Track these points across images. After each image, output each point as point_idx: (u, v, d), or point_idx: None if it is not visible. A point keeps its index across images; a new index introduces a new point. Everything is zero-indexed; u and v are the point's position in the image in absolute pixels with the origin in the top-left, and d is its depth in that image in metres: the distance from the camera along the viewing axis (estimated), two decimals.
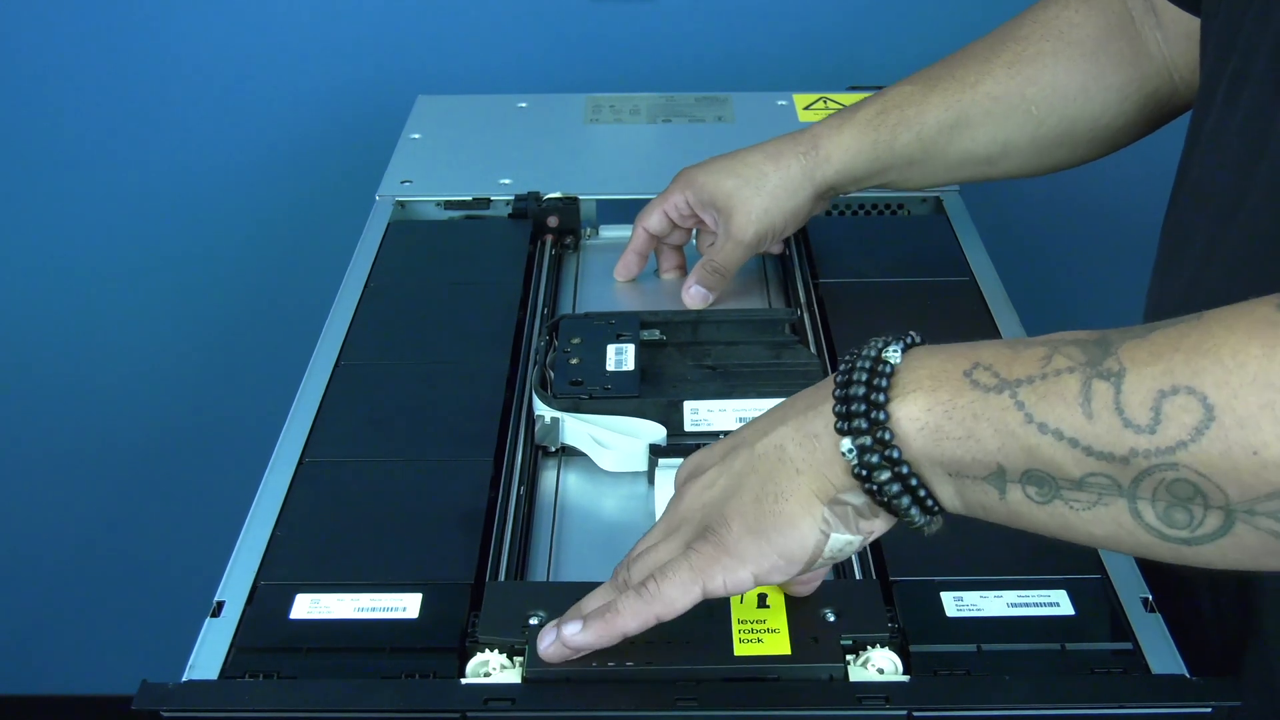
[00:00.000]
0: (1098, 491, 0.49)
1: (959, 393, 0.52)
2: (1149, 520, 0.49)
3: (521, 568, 0.73)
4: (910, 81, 0.93)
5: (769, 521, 0.57)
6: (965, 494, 0.54)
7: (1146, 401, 0.47)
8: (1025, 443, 0.50)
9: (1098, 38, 0.88)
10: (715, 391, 0.81)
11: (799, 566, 0.57)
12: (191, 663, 0.64)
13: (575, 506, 0.79)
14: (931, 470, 0.54)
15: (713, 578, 0.57)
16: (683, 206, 0.96)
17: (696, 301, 0.96)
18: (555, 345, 0.85)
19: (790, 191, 0.93)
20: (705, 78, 1.44)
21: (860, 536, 0.57)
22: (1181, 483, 0.47)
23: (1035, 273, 1.54)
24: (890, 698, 0.59)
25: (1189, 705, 0.58)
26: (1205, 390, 0.46)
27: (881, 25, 1.44)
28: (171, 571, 1.69)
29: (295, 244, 1.53)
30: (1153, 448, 0.47)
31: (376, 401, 0.83)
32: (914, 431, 0.53)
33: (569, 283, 1.04)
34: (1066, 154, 0.92)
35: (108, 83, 1.45)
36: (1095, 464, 0.49)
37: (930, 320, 0.93)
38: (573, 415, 0.80)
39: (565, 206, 1.07)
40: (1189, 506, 0.47)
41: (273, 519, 0.73)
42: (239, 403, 1.61)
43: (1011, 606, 0.65)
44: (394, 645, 0.64)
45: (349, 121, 1.47)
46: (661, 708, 0.59)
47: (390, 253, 1.01)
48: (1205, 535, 0.47)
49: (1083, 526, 0.50)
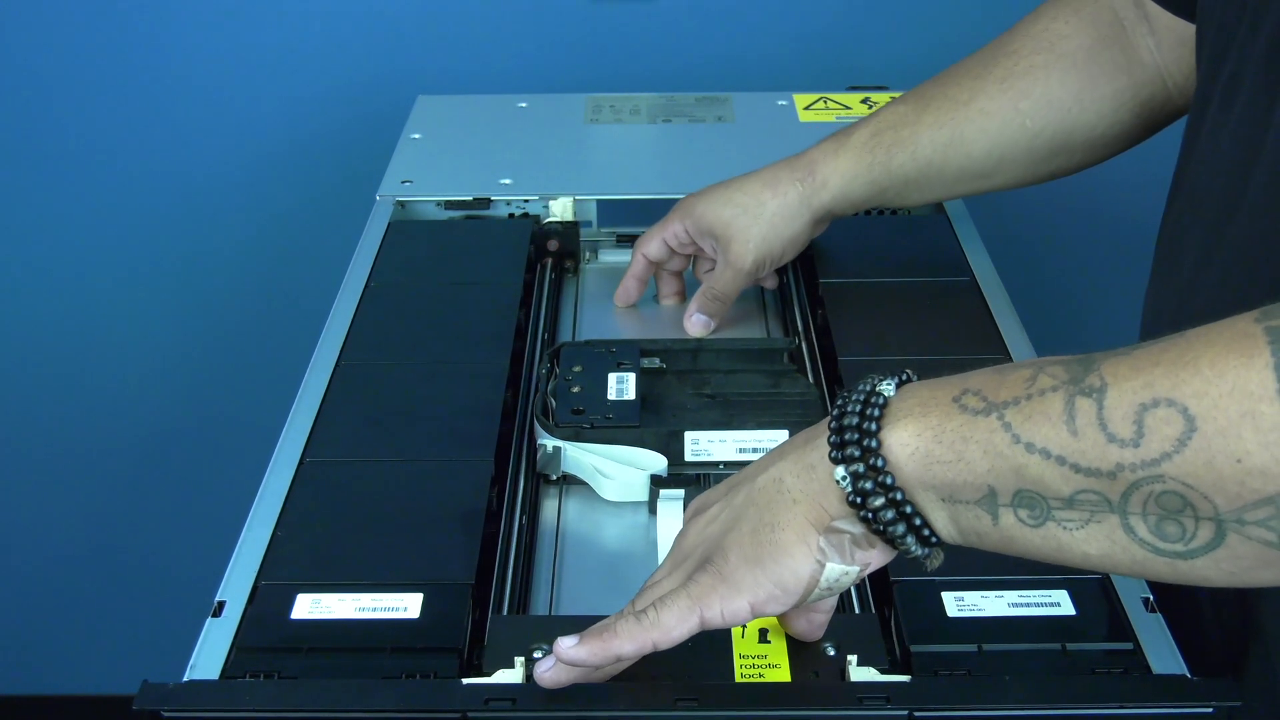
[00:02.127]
0: (1089, 509, 0.49)
1: (948, 417, 0.53)
2: (1142, 535, 0.49)
3: (524, 599, 0.73)
4: (903, 101, 0.94)
5: (765, 551, 0.57)
6: (959, 520, 0.54)
7: (1129, 415, 0.48)
8: (1014, 463, 0.51)
9: (1089, 48, 0.88)
10: (715, 421, 0.81)
11: (795, 596, 0.57)
12: (192, 663, 0.64)
13: (577, 536, 0.79)
14: (925, 496, 0.54)
15: (710, 606, 0.57)
16: (681, 235, 0.97)
17: (698, 329, 0.97)
18: (556, 373, 0.85)
19: (788, 219, 0.93)
20: (705, 78, 1.44)
21: (857, 567, 0.57)
22: (1169, 495, 0.47)
23: (1036, 273, 1.54)
24: (891, 698, 0.59)
25: (1190, 705, 0.58)
26: (1185, 401, 0.46)
27: (881, 25, 1.44)
28: (172, 571, 1.69)
29: (296, 244, 1.53)
30: (1137, 461, 0.47)
31: (377, 401, 0.83)
32: (905, 457, 0.53)
33: (569, 306, 1.04)
34: (1063, 163, 0.92)
35: (109, 83, 1.45)
36: (1083, 480, 0.49)
37: (930, 320, 0.93)
38: (574, 444, 0.81)
39: (565, 230, 1.07)
40: (1179, 519, 0.47)
41: (273, 519, 0.73)
42: (240, 402, 1.62)
43: (1012, 606, 0.66)
44: (395, 645, 0.64)
45: (349, 122, 1.47)
46: (662, 708, 0.59)
47: (391, 253, 1.01)
48: (1199, 548, 0.47)
49: (1077, 547, 0.51)
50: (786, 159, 0.95)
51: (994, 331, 0.90)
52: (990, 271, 0.99)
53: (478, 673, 0.62)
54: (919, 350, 0.88)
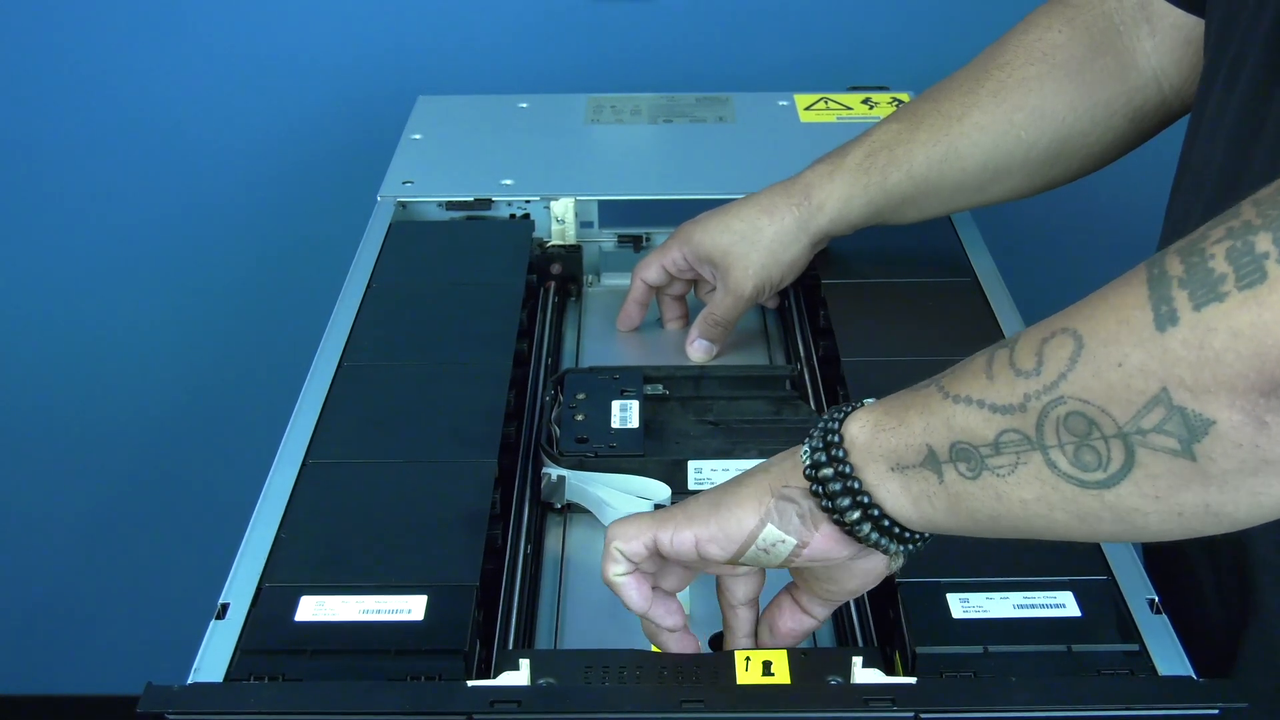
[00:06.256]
0: (1014, 451, 0.52)
1: (897, 396, 0.58)
2: (1064, 469, 0.51)
3: (529, 630, 0.74)
4: (896, 119, 0.94)
5: (725, 499, 0.62)
6: (910, 488, 0.56)
7: (1031, 350, 0.52)
8: (943, 415, 0.54)
9: (1082, 57, 0.88)
10: (717, 449, 0.82)
11: (735, 544, 0.61)
12: (196, 665, 0.64)
13: (580, 565, 0.79)
14: (874, 469, 0.57)
15: (664, 529, 0.62)
16: (680, 262, 0.97)
17: (700, 354, 0.98)
18: (560, 400, 0.85)
19: (786, 244, 0.93)
20: (706, 78, 1.44)
21: (794, 540, 0.60)
22: (1075, 417, 0.50)
23: (1038, 272, 1.53)
24: (896, 699, 0.58)
25: (1196, 706, 0.58)
26: (1076, 325, 0.50)
27: (881, 25, 1.44)
28: (176, 573, 1.69)
29: (297, 245, 1.53)
30: (1040, 387, 0.51)
31: (379, 402, 0.83)
32: (857, 431, 0.58)
33: (571, 330, 1.05)
34: (1059, 173, 0.92)
35: (111, 85, 1.45)
36: (1001, 420, 0.52)
37: (933, 320, 0.93)
38: (579, 474, 0.81)
39: (568, 254, 1.07)
40: (1091, 443, 0.50)
41: (277, 521, 0.73)
42: (242, 404, 1.62)
43: (1017, 608, 0.66)
44: (399, 647, 0.63)
45: (350, 122, 1.47)
46: (667, 710, 0.59)
47: (392, 253, 1.01)
48: (1117, 472, 0.49)
49: (1014, 493, 0.53)
50: (781, 183, 0.95)
51: (996, 331, 0.90)
52: (992, 271, 0.99)
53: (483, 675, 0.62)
54: (921, 350, 0.88)
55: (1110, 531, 0.52)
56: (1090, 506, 0.51)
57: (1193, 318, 0.46)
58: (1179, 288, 0.47)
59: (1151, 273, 0.48)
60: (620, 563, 0.63)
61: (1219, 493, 0.48)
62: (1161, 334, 0.47)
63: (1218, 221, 0.47)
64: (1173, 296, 0.47)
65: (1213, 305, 0.45)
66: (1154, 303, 0.47)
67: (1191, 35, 0.84)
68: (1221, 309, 0.45)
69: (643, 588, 0.64)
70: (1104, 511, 0.51)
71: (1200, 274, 0.46)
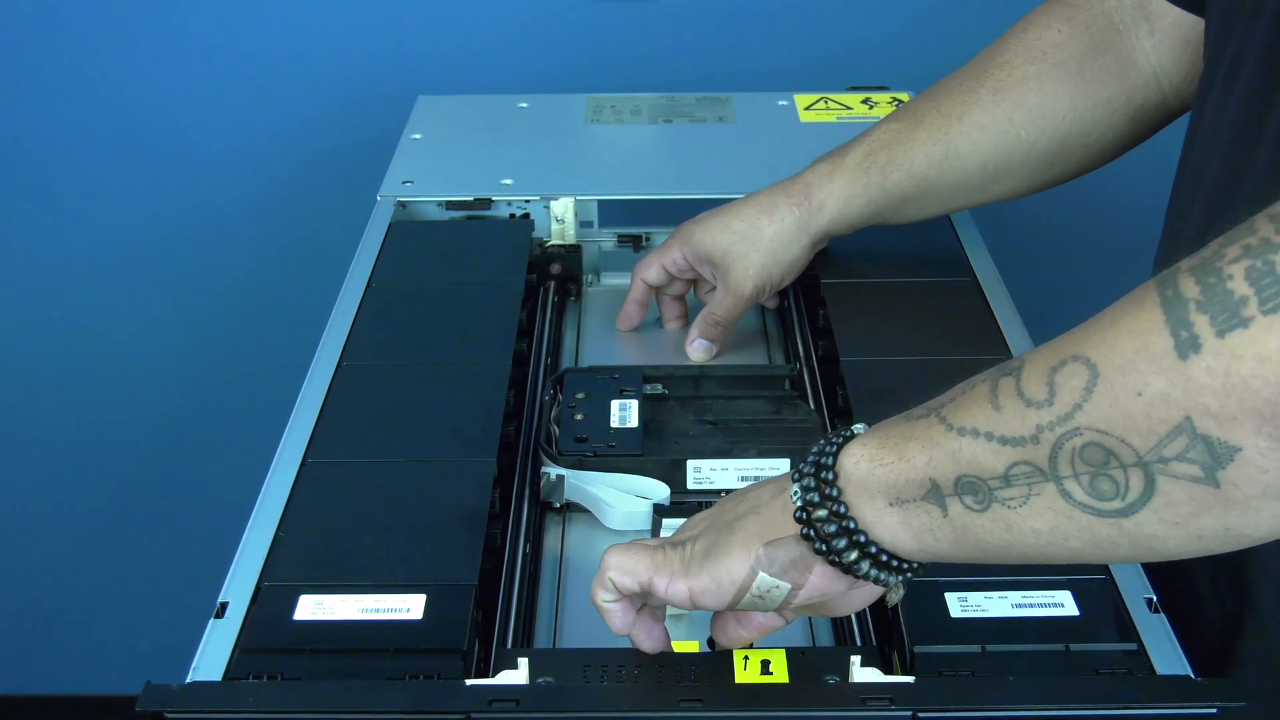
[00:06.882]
0: (1026, 483, 0.51)
1: (893, 425, 0.56)
2: (1080, 499, 0.50)
3: (528, 629, 0.74)
4: (895, 119, 0.94)
5: (716, 548, 0.60)
6: (911, 521, 0.55)
7: (1041, 379, 0.50)
8: (948, 449, 0.53)
9: (1081, 55, 0.88)
10: (717, 448, 0.82)
11: (728, 595, 0.60)
12: (195, 664, 0.64)
13: (579, 565, 0.80)
14: (871, 505, 0.56)
15: (660, 576, 0.61)
16: (680, 262, 0.97)
17: (700, 354, 0.98)
18: (560, 400, 0.85)
19: (786, 244, 0.93)
20: (706, 78, 1.44)
21: (788, 585, 0.59)
22: (1091, 447, 0.48)
23: (1037, 272, 1.54)
24: (895, 698, 0.59)
25: (1194, 706, 0.58)
26: (1088, 352, 0.49)
27: (881, 25, 1.44)
28: (175, 572, 1.69)
29: (297, 245, 1.53)
30: (1054, 418, 0.49)
31: (378, 402, 0.83)
32: (851, 466, 0.56)
33: (571, 329, 1.05)
34: (1059, 172, 0.92)
35: (111, 85, 1.45)
36: (1012, 452, 0.51)
37: (932, 320, 0.93)
38: (578, 473, 0.81)
39: (568, 254, 1.07)
40: (1109, 473, 0.48)
41: (276, 520, 0.73)
42: (242, 403, 1.62)
43: (1016, 607, 0.66)
44: (398, 646, 0.64)
45: (350, 122, 1.47)
46: (666, 708, 0.59)
47: (392, 253, 1.01)
48: (1135, 501, 0.48)
49: (1026, 524, 0.52)
50: (781, 183, 0.95)
51: (996, 331, 0.90)
52: (992, 271, 0.99)
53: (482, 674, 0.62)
54: (920, 350, 0.88)
55: (1127, 555, 0.51)
56: (1107, 534, 0.50)
57: (1216, 344, 0.44)
58: (1198, 311, 0.45)
59: (1165, 294, 0.47)
60: (611, 591, 0.62)
61: (1240, 516, 0.47)
62: (1184, 361, 0.45)
63: (1231, 238, 0.46)
64: (1192, 321, 0.45)
65: (1237, 331, 0.44)
66: (1172, 327, 0.46)
67: (1191, 34, 0.85)
68: (1247, 335, 0.44)
69: (627, 614, 0.63)
70: (1121, 538, 0.50)
71: (1219, 296, 0.45)
